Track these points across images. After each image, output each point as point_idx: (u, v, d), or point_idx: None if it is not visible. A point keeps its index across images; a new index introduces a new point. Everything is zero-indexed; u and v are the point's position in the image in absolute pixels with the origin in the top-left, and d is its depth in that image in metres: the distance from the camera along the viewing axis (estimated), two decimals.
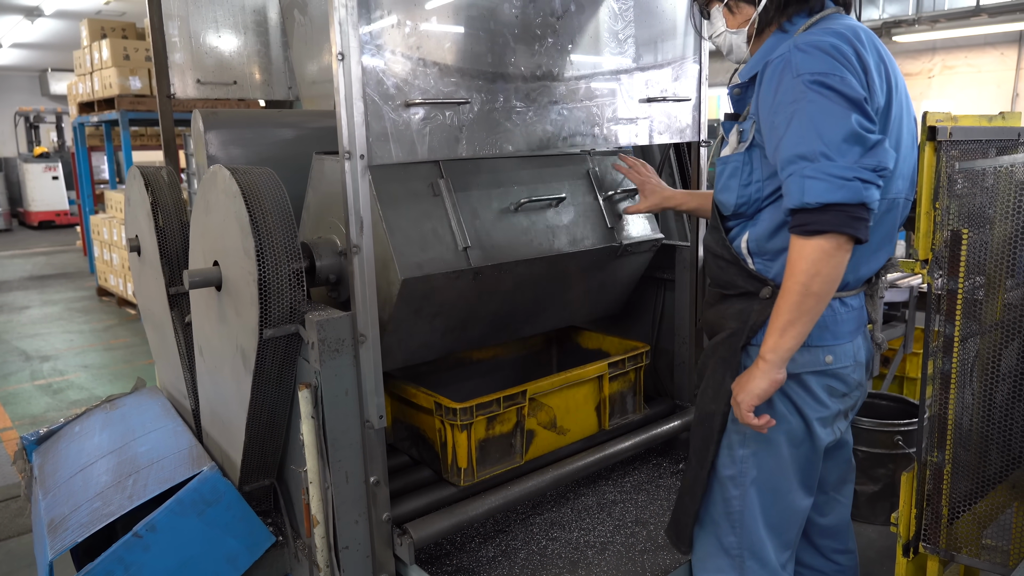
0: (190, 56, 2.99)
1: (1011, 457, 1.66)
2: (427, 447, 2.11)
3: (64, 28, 12.35)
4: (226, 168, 1.76)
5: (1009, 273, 1.62)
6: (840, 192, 1.32)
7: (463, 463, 2.00)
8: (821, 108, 1.36)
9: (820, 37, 1.43)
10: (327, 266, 1.88)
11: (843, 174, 1.32)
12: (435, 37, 1.84)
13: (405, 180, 1.94)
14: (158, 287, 2.38)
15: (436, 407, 2.00)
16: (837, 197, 1.32)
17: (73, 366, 5.85)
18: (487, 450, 2.05)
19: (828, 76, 1.37)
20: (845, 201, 1.32)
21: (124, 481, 2.00)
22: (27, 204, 15.24)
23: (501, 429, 2.06)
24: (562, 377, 2.16)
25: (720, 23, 1.68)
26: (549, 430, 2.18)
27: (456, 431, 1.97)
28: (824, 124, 1.35)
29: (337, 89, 1.60)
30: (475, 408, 1.97)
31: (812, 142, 1.35)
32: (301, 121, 2.58)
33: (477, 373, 2.55)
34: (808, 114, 1.37)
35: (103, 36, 7.49)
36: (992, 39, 9.54)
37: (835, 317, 1.56)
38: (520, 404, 2.07)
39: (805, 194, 1.34)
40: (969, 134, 1.60)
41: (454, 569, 1.99)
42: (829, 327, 1.55)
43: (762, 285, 1.55)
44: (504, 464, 2.09)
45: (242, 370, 1.81)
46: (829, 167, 1.33)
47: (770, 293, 1.53)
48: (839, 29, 1.47)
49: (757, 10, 1.60)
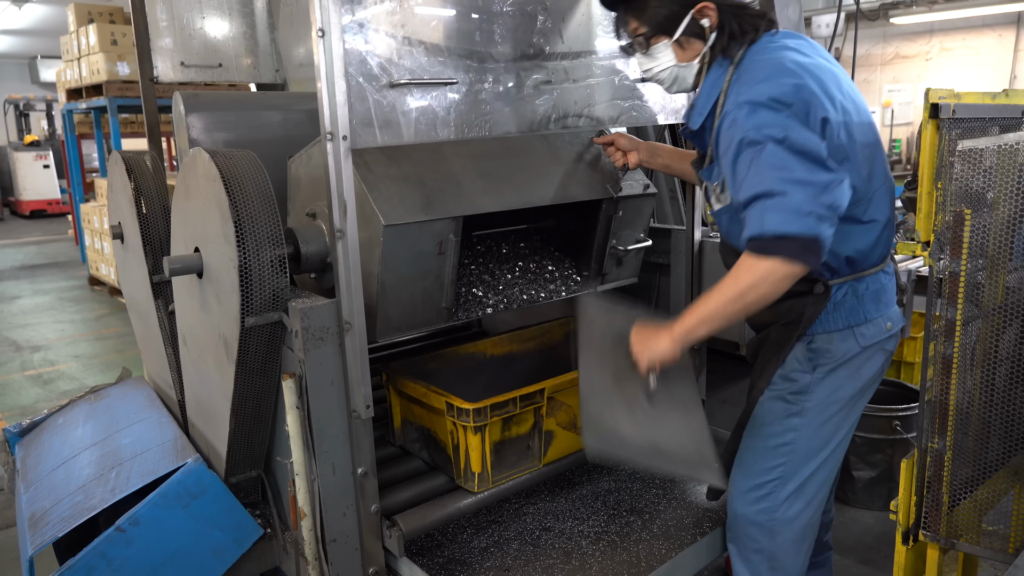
0: (174, 39, 2.91)
1: (1011, 442, 1.63)
2: (439, 450, 2.00)
3: (52, 14, 12.17)
4: (206, 151, 1.71)
5: (1010, 255, 1.58)
6: (795, 225, 1.43)
7: (477, 467, 1.90)
8: (774, 162, 1.46)
9: (764, 87, 1.50)
10: (314, 252, 1.82)
11: (800, 208, 1.43)
12: (421, 15, 1.78)
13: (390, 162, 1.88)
14: (141, 275, 2.33)
15: (448, 408, 1.88)
16: (793, 229, 1.43)
17: (64, 356, 5.80)
18: (503, 453, 1.93)
19: (777, 132, 1.46)
20: (800, 233, 1.43)
21: (107, 474, 1.96)
22: (18, 193, 15.11)
23: (518, 430, 1.95)
24: None
25: (667, 58, 1.70)
26: (569, 430, 2.07)
27: (469, 433, 1.86)
28: (780, 172, 1.45)
29: (318, 68, 1.54)
30: (490, 408, 1.85)
31: (770, 183, 1.46)
32: (287, 103, 2.52)
33: (491, 369, 2.42)
34: (765, 165, 1.47)
35: (90, 21, 7.37)
36: (990, 20, 9.46)
37: (884, 287, 1.70)
38: (538, 403, 1.95)
39: (764, 224, 1.45)
40: (972, 112, 1.55)
41: (445, 560, 1.95)
42: (882, 297, 1.70)
43: (814, 283, 1.63)
44: (521, 468, 1.98)
45: (225, 359, 1.76)
46: (786, 202, 1.43)
47: (823, 289, 1.63)
48: (782, 62, 1.54)
49: (707, 44, 1.67)
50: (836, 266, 1.66)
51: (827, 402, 1.71)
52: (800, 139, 1.46)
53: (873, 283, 1.69)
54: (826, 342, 1.68)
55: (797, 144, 1.46)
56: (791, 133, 1.46)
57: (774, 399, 1.74)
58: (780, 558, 1.78)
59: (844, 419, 1.74)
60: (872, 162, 1.62)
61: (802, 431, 1.72)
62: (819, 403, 1.71)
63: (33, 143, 15.12)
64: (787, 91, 1.49)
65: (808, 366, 1.70)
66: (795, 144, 1.46)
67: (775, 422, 1.74)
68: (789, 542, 1.77)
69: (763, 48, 1.62)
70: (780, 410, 1.74)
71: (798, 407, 1.71)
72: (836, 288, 1.66)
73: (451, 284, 1.85)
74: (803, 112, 1.49)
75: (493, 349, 2.44)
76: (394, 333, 1.83)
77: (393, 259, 1.69)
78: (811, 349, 1.69)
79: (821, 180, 1.44)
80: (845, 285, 1.67)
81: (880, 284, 1.71)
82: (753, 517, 1.78)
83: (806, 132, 1.47)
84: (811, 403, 1.71)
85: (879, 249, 1.69)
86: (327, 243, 1.75)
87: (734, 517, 1.83)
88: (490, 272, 2.11)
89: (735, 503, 1.82)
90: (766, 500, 1.76)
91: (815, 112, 1.49)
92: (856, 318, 1.67)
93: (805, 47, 1.64)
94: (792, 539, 1.77)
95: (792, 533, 1.77)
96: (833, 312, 1.67)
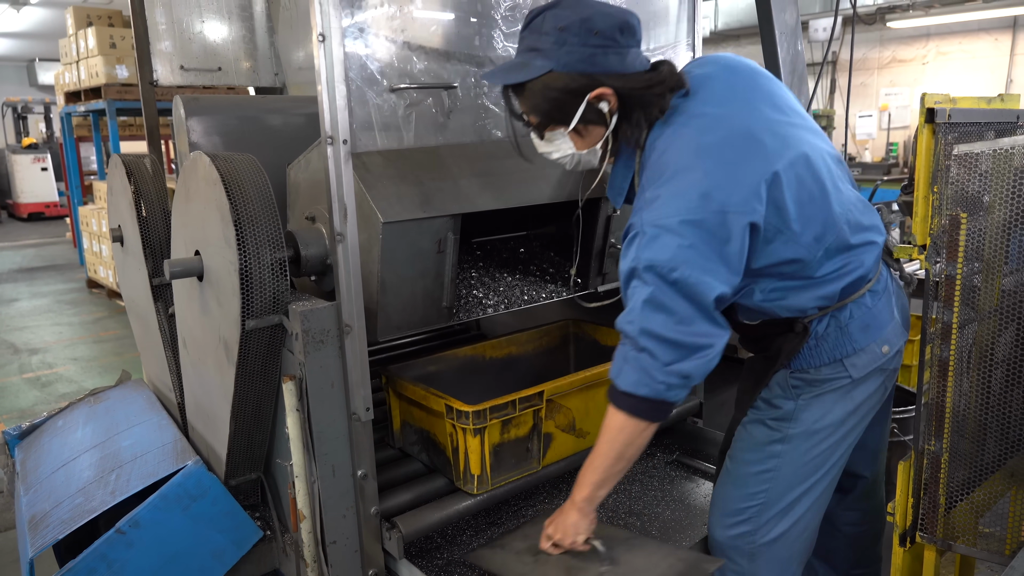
0: (174, 42, 2.92)
1: (1008, 444, 1.63)
2: (438, 452, 2.01)
3: (51, 16, 12.18)
4: (206, 155, 1.72)
5: (1005, 259, 1.59)
6: (645, 389, 1.43)
7: (476, 469, 1.89)
8: (655, 304, 1.39)
9: (672, 206, 1.38)
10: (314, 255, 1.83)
11: (653, 375, 1.41)
12: (421, 20, 1.79)
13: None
14: (141, 278, 2.33)
15: (448, 410, 1.88)
16: (641, 392, 1.43)
17: (62, 359, 5.79)
18: (502, 455, 1.93)
19: (669, 271, 1.37)
20: (648, 396, 1.43)
21: (107, 476, 1.96)
22: (16, 196, 15.09)
23: (517, 433, 1.95)
24: (581, 376, 2.04)
25: (566, 146, 1.57)
26: (568, 433, 2.07)
27: (469, 435, 1.86)
28: (654, 319, 1.40)
29: (318, 72, 1.55)
30: (489, 411, 1.85)
31: (639, 329, 1.41)
32: (287, 107, 2.52)
33: (490, 372, 2.42)
34: (646, 303, 1.40)
35: (89, 24, 7.38)
36: (986, 25, 9.49)
37: (872, 310, 1.58)
38: (537, 406, 1.95)
39: (620, 375, 1.46)
40: (968, 116, 1.56)
41: (445, 563, 1.96)
42: (871, 323, 1.57)
43: (792, 324, 1.57)
44: (520, 470, 1.98)
45: (225, 362, 1.77)
46: (644, 363, 1.41)
47: (801, 328, 1.56)
48: (688, 157, 1.41)
49: (608, 129, 1.53)
50: (805, 309, 1.55)
51: (814, 429, 1.59)
52: (693, 279, 1.36)
53: (857, 309, 1.56)
54: (813, 374, 1.58)
55: (687, 286, 1.37)
56: (685, 271, 1.36)
57: (756, 423, 1.66)
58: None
59: (837, 444, 1.62)
60: (824, 214, 1.48)
61: (785, 458, 1.61)
62: (804, 431, 1.60)
63: (31, 146, 15.11)
64: (694, 206, 1.37)
65: (792, 393, 1.60)
66: (685, 286, 1.37)
67: (756, 448, 1.65)
68: (772, 562, 1.67)
69: (668, 123, 1.48)
70: (762, 436, 1.64)
71: (781, 434, 1.61)
72: (816, 322, 1.55)
73: (451, 283, 1.86)
74: (717, 225, 1.37)
75: (492, 352, 2.44)
76: (395, 332, 1.83)
77: (393, 257, 1.70)
78: (795, 377, 1.60)
79: (689, 343, 1.40)
80: (826, 317, 1.55)
81: (866, 308, 1.57)
82: (730, 542, 1.68)
83: (707, 266, 1.37)
84: (795, 430, 1.60)
85: (857, 282, 1.55)
86: (327, 246, 1.76)
87: (712, 541, 1.74)
88: (491, 275, 2.11)
89: (713, 529, 1.73)
90: (745, 525, 1.66)
91: (733, 221, 1.38)
92: (843, 350, 1.56)
93: (712, 102, 1.49)
94: (775, 559, 1.67)
95: (774, 554, 1.66)
96: (816, 348, 1.56)
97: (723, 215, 1.37)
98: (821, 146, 1.54)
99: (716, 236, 1.37)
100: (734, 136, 1.44)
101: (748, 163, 1.41)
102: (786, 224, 1.44)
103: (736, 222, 1.38)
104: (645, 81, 1.48)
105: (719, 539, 1.71)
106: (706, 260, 1.38)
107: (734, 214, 1.38)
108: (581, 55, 1.45)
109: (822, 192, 1.49)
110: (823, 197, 1.49)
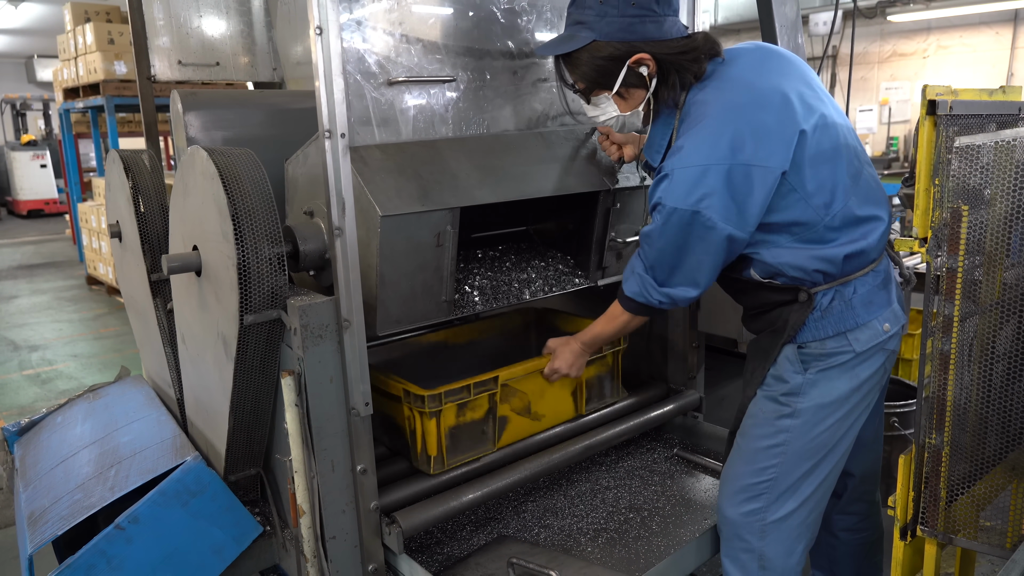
0: (172, 38, 2.91)
1: (1009, 437, 1.63)
2: (398, 435, 2.06)
3: (49, 13, 12.15)
4: (204, 149, 1.71)
5: (1007, 251, 1.58)
6: (640, 297, 1.71)
7: (433, 451, 1.95)
8: (669, 238, 1.58)
9: (702, 152, 1.53)
10: (312, 250, 1.82)
11: (649, 291, 1.68)
12: (419, 12, 1.78)
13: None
14: (140, 274, 2.32)
15: (405, 394, 1.94)
16: (639, 299, 1.72)
17: (62, 355, 5.79)
18: (458, 437, 1.99)
19: (685, 209, 1.53)
20: (643, 303, 1.72)
21: (106, 472, 1.96)
22: (15, 193, 15.09)
23: (472, 416, 2.00)
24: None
25: (611, 109, 1.74)
26: (523, 416, 2.13)
27: (425, 418, 1.92)
28: (664, 248, 1.61)
29: (316, 66, 1.54)
30: (443, 395, 1.92)
31: (653, 252, 1.64)
32: (285, 102, 2.51)
33: (454, 358, 2.47)
34: (661, 235, 1.59)
35: (87, 20, 7.35)
36: (987, 18, 9.46)
37: (876, 289, 1.67)
38: (492, 390, 2.01)
39: (626, 284, 1.75)
40: (970, 108, 1.55)
41: (444, 557, 1.96)
42: (874, 300, 1.67)
43: (796, 292, 1.65)
44: (476, 451, 2.03)
45: (224, 357, 1.76)
46: (647, 280, 1.68)
47: (806, 297, 1.64)
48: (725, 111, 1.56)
49: (649, 91, 1.67)
50: (809, 277, 1.64)
51: (821, 404, 1.68)
52: (709, 223, 1.52)
53: (862, 286, 1.66)
54: (818, 348, 1.66)
55: (702, 228, 1.53)
56: (705, 214, 1.52)
57: (766, 399, 1.73)
58: (771, 558, 1.74)
59: (843, 420, 1.70)
60: (835, 181, 1.60)
61: (795, 433, 1.69)
62: (813, 405, 1.68)
63: (30, 143, 15.10)
64: (722, 155, 1.51)
65: (800, 367, 1.68)
66: (701, 228, 1.53)
67: (766, 423, 1.72)
68: (780, 541, 1.74)
69: (705, 86, 1.63)
70: (771, 411, 1.71)
71: (790, 408, 1.69)
72: (821, 295, 1.64)
73: (450, 277, 1.85)
74: (742, 176, 1.51)
75: (455, 338, 2.50)
76: (394, 327, 1.83)
77: (391, 251, 1.70)
78: (802, 352, 1.68)
79: (687, 276, 1.63)
80: (831, 291, 1.64)
81: (870, 286, 1.67)
82: (741, 519, 1.75)
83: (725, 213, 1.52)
84: (803, 404, 1.68)
85: (861, 256, 1.65)
86: (325, 240, 1.75)
87: (722, 519, 1.81)
88: (491, 270, 2.11)
89: (724, 505, 1.79)
90: (755, 501, 1.73)
91: (757, 174, 1.51)
92: (847, 323, 1.65)
93: (748, 69, 1.64)
94: (784, 538, 1.74)
95: (783, 533, 1.73)
96: (821, 319, 1.65)
97: (748, 167, 1.51)
98: (844, 123, 1.67)
99: (739, 186, 1.51)
100: (767, 96, 1.57)
101: (778, 121, 1.54)
102: (801, 184, 1.56)
103: (759, 175, 1.51)
104: (681, 47, 1.62)
105: (730, 517, 1.77)
106: (725, 207, 1.51)
107: (759, 167, 1.51)
108: (621, 24, 1.60)
109: (836, 160, 1.61)
110: (837, 165, 1.61)
